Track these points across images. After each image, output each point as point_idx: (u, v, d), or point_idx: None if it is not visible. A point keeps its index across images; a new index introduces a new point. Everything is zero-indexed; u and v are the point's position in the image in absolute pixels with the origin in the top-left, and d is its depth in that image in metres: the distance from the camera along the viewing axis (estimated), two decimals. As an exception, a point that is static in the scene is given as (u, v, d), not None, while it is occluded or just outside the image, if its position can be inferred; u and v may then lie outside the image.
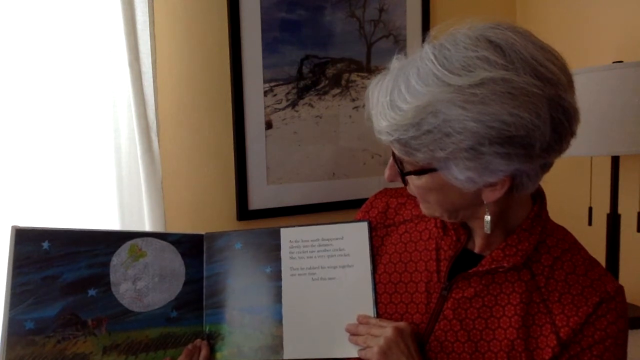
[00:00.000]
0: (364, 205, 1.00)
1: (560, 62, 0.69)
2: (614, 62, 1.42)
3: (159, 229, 1.43)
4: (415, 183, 0.78)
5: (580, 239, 0.86)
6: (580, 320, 0.77)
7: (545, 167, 0.74)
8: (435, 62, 0.68)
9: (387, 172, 0.80)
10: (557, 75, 0.68)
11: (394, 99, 0.70)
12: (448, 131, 0.67)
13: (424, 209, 0.83)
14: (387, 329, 0.82)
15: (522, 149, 0.67)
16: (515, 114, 0.65)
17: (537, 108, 0.66)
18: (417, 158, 0.72)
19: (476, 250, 0.84)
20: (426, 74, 0.68)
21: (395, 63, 0.75)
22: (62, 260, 0.91)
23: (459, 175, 0.71)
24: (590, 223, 1.54)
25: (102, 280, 0.93)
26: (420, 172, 0.75)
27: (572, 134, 0.71)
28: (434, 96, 0.67)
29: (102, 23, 1.36)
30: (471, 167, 0.69)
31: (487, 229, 0.77)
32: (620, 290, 0.80)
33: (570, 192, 1.72)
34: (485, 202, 0.75)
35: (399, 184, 0.83)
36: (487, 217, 0.77)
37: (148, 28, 1.40)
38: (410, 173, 0.76)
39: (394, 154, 0.78)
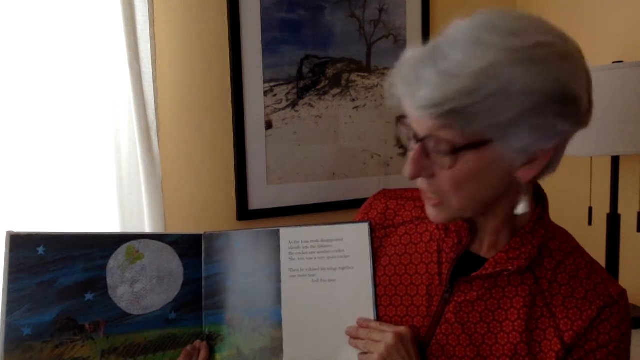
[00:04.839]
0: (362, 207, 0.99)
1: None
2: (614, 62, 1.42)
3: (159, 229, 1.43)
4: (457, 167, 0.71)
5: (580, 239, 0.86)
6: (585, 324, 0.76)
7: (566, 144, 0.75)
8: (484, 29, 0.68)
9: (410, 168, 0.73)
10: (579, 47, 0.72)
11: (446, 67, 0.67)
12: (511, 92, 0.66)
13: (441, 212, 0.78)
14: (387, 335, 0.82)
15: (574, 108, 0.69)
16: (570, 74, 0.68)
17: (579, 72, 0.69)
18: (474, 128, 0.68)
19: (481, 251, 0.83)
20: (477, 40, 0.67)
21: (415, 48, 0.73)
22: (57, 265, 0.90)
23: (516, 142, 0.69)
24: (590, 223, 1.54)
25: (99, 283, 0.92)
26: (474, 145, 0.69)
27: (593, 106, 0.74)
28: (493, 59, 0.66)
29: (102, 23, 1.36)
30: (534, 128, 0.68)
31: (522, 209, 0.76)
32: (623, 294, 0.79)
33: (570, 192, 1.72)
34: (523, 182, 0.74)
35: (400, 185, 0.81)
36: (523, 198, 0.76)
37: (148, 28, 1.40)
38: (464, 148, 0.70)
39: (424, 139, 0.72)
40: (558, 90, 0.67)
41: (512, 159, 0.71)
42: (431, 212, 0.79)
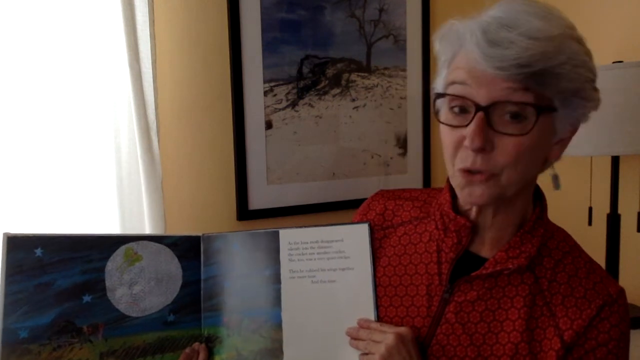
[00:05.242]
0: (360, 208, 0.99)
1: None
2: (614, 62, 1.42)
3: (159, 229, 1.43)
4: (528, 135, 0.71)
5: (580, 239, 0.86)
6: (584, 323, 0.76)
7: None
8: (541, 6, 0.73)
9: (477, 138, 0.71)
10: None
11: (529, 31, 0.68)
12: (576, 62, 0.71)
13: (485, 189, 0.75)
14: (388, 335, 0.82)
15: (597, 91, 0.76)
16: (591, 57, 0.74)
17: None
18: (548, 93, 0.71)
19: (481, 250, 0.83)
20: (545, 12, 0.72)
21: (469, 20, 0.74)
22: (55, 267, 0.89)
23: (572, 114, 0.75)
24: (590, 223, 1.54)
25: (97, 285, 0.91)
26: (546, 109, 0.71)
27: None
28: (560, 30, 0.71)
29: (102, 23, 1.36)
30: (588, 99, 0.74)
31: (557, 185, 0.83)
32: (622, 293, 0.80)
33: (570, 192, 1.72)
34: (552, 161, 0.80)
35: (399, 185, 0.81)
36: (556, 174, 0.84)
37: (148, 28, 1.40)
38: (545, 109, 0.70)
39: (489, 108, 0.71)
40: (593, 70, 0.74)
41: (562, 132, 0.76)
42: (475, 190, 0.75)
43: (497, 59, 0.68)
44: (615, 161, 1.48)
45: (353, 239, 0.93)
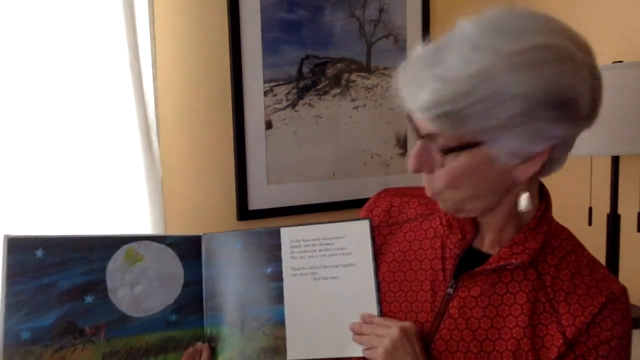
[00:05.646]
0: (366, 205, 1.00)
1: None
2: (614, 62, 1.42)
3: (159, 229, 1.43)
4: (452, 165, 0.74)
5: (580, 239, 0.86)
6: (587, 319, 0.77)
7: (573, 141, 0.76)
8: (482, 32, 0.69)
9: (412, 161, 0.77)
10: (588, 44, 0.71)
11: (440, 71, 0.69)
12: (502, 98, 0.67)
13: (445, 203, 0.80)
14: (392, 329, 0.82)
15: (569, 112, 0.69)
16: (565, 77, 0.67)
17: (581, 73, 0.68)
18: (466, 130, 0.70)
19: (485, 247, 0.84)
20: (474, 44, 0.68)
21: (421, 48, 0.74)
22: (56, 268, 0.89)
23: (506, 146, 0.70)
24: (590, 223, 1.54)
25: (98, 286, 0.91)
26: (465, 146, 0.72)
27: (601, 104, 0.73)
28: (485, 64, 0.67)
29: (103, 23, 1.36)
30: (522, 134, 0.69)
31: (524, 205, 0.77)
32: (624, 291, 0.80)
33: (570, 192, 1.72)
34: (521, 181, 0.75)
35: (399, 184, 0.82)
36: (525, 194, 0.76)
37: (148, 28, 1.40)
38: (454, 149, 0.72)
39: (425, 137, 0.75)
40: (551, 96, 0.67)
41: (504, 160, 0.72)
42: (440, 201, 0.81)
43: (409, 99, 0.72)
44: (615, 161, 1.48)
45: (354, 236, 0.93)
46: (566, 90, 0.67)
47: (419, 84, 0.70)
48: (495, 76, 0.66)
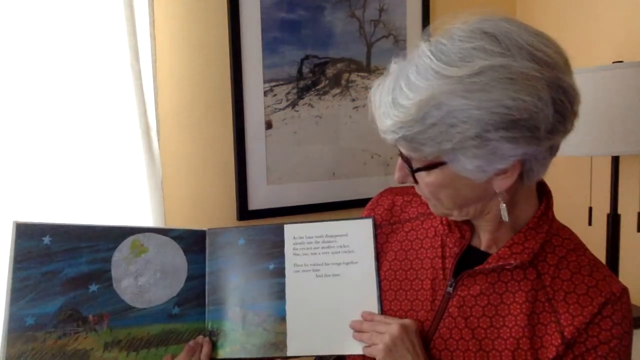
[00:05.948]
0: (369, 203, 1.01)
1: (555, 45, 0.71)
2: (614, 62, 1.42)
3: (159, 228, 1.43)
4: (426, 180, 0.77)
5: (580, 239, 0.86)
6: (585, 319, 0.77)
7: (553, 150, 0.75)
8: (433, 57, 0.69)
9: (396, 174, 0.81)
10: (553, 58, 0.69)
11: (396, 97, 0.71)
12: (453, 122, 0.68)
13: (434, 208, 0.83)
14: (392, 326, 0.83)
15: (528, 131, 0.68)
16: (517, 98, 0.66)
17: (538, 91, 0.67)
18: (425, 153, 0.72)
19: (483, 246, 0.84)
20: (425, 70, 0.69)
21: (394, 65, 0.76)
22: (63, 256, 0.90)
23: (468, 165, 0.71)
24: (590, 223, 1.54)
25: (103, 275, 0.92)
26: (429, 167, 0.74)
27: (574, 114, 0.72)
28: (435, 89, 0.68)
29: (103, 23, 1.36)
30: (479, 155, 0.69)
31: (504, 216, 0.77)
32: (625, 291, 0.80)
33: (570, 192, 1.72)
34: (497, 192, 0.75)
35: (398, 185, 0.84)
36: (503, 205, 0.76)
37: (148, 28, 1.40)
38: (420, 169, 0.76)
39: (401, 154, 0.78)
40: (501, 117, 0.67)
41: (472, 177, 0.73)
42: (430, 206, 0.84)
43: (377, 122, 0.76)
44: (615, 161, 1.48)
45: (357, 234, 0.94)
46: (519, 111, 0.66)
47: (384, 109, 0.73)
48: (445, 101, 0.67)
